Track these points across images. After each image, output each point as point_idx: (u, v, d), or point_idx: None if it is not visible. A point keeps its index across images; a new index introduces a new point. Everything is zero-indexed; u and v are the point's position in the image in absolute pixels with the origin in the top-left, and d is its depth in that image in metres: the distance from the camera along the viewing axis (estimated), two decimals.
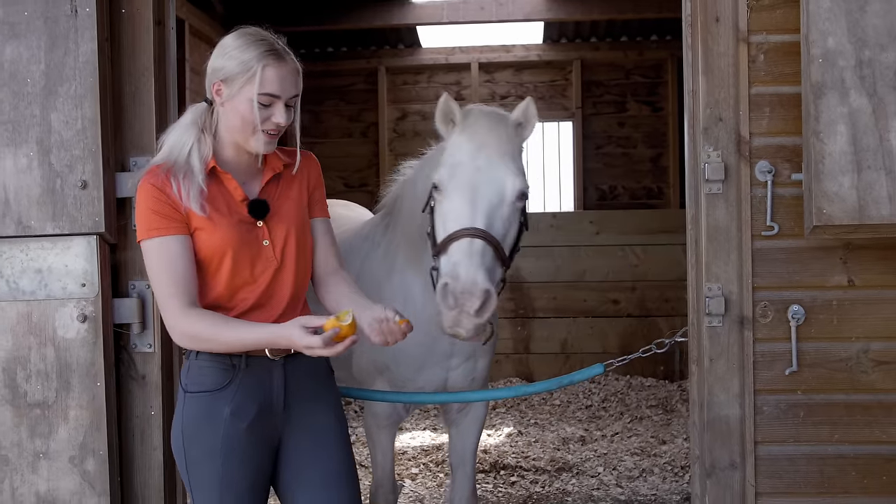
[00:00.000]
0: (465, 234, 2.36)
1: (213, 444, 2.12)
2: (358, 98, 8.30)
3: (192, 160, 2.13)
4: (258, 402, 2.15)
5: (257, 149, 2.15)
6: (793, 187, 2.64)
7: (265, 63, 2.09)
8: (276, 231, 2.20)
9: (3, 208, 2.63)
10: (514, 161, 2.52)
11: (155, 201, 2.10)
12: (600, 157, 8.23)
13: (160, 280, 2.10)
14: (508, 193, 2.46)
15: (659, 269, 7.51)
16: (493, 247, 2.38)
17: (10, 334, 2.64)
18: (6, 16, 2.63)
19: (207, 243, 2.12)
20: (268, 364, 2.17)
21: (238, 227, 2.15)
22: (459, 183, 2.46)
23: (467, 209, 2.41)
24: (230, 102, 2.12)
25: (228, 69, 2.11)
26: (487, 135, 2.52)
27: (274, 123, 2.12)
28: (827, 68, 2.42)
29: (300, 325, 2.00)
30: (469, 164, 2.48)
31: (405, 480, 4.97)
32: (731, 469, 2.68)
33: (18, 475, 2.64)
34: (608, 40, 8.15)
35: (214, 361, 2.14)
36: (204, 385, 2.14)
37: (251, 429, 2.14)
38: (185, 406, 2.16)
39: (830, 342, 2.65)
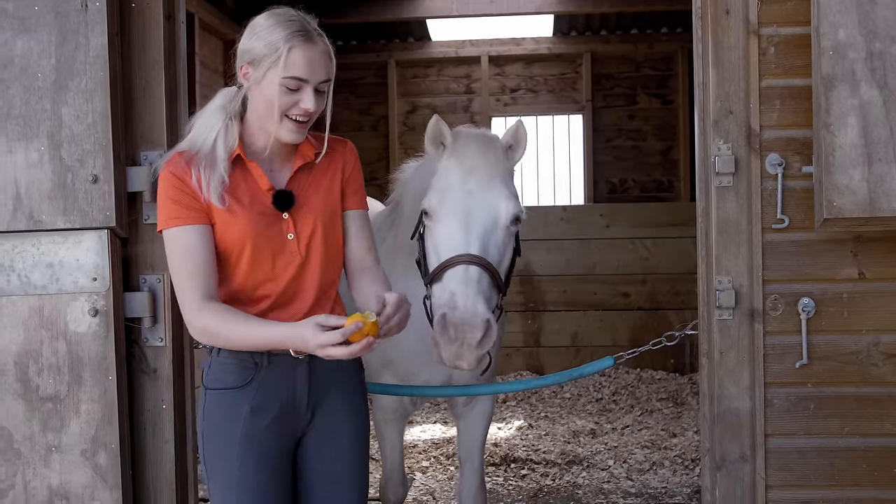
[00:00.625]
0: (461, 261, 2.27)
1: (231, 442, 2.07)
2: (368, 91, 8.30)
3: (216, 148, 2.05)
4: (280, 400, 2.09)
5: (285, 137, 2.05)
6: (803, 180, 2.63)
7: (292, 44, 1.98)
8: (301, 224, 2.10)
9: (14, 203, 2.65)
10: (507, 184, 2.44)
11: (175, 190, 2.03)
12: (610, 150, 8.21)
13: (178, 271, 2.03)
14: (502, 217, 2.38)
15: (669, 262, 7.50)
16: (490, 273, 2.29)
17: (21, 328, 2.66)
18: (17, 10, 2.64)
19: (227, 235, 2.05)
20: (292, 362, 2.09)
21: (259, 218, 2.06)
22: (451, 208, 2.37)
23: (461, 234, 2.32)
24: (257, 86, 2.02)
25: (256, 51, 2.01)
26: (477, 158, 2.44)
27: (302, 109, 2.01)
28: (837, 60, 2.41)
29: (315, 323, 1.90)
30: (460, 189, 2.40)
31: (416, 473, 4.99)
32: (741, 462, 2.67)
33: (31, 468, 2.66)
34: (618, 33, 8.12)
35: (236, 358, 2.08)
36: (225, 382, 2.09)
37: (271, 427, 2.08)
38: (206, 403, 2.11)
39: (841, 335, 2.64)
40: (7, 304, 2.65)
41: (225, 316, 2.00)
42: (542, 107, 8.28)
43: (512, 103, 8.29)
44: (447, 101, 8.31)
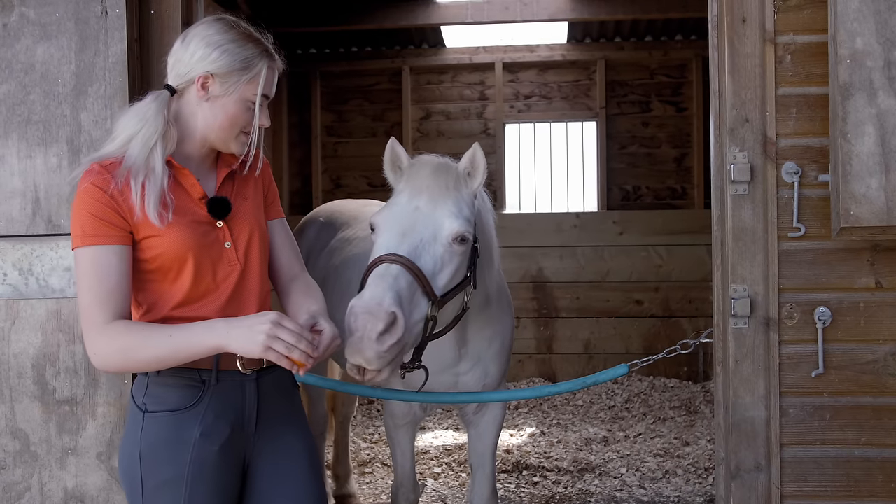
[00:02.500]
0: (383, 260, 2.17)
1: (179, 471, 1.88)
2: (382, 98, 8.32)
3: (153, 159, 1.89)
4: (230, 421, 1.94)
5: (235, 150, 2.00)
6: (819, 188, 2.62)
7: (269, 64, 1.96)
8: (237, 231, 2.01)
9: (33, 207, 2.68)
10: (457, 205, 2.35)
11: (95, 203, 1.85)
12: (624, 157, 8.19)
13: (88, 292, 1.84)
14: (444, 232, 2.28)
15: (683, 269, 7.48)
16: (415, 275, 2.15)
17: (39, 332, 2.68)
18: (38, 17, 2.67)
19: (163, 249, 1.90)
20: (240, 379, 1.96)
21: (195, 228, 1.94)
22: (394, 220, 2.31)
23: (394, 241, 2.23)
24: (220, 99, 1.93)
25: (224, 64, 1.91)
26: (429, 179, 2.39)
27: (259, 125, 1.99)
28: (855, 69, 2.40)
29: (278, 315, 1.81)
30: (407, 205, 2.34)
31: (428, 480, 4.98)
32: (756, 471, 2.66)
33: (47, 471, 2.68)
34: (632, 40, 8.11)
35: (180, 377, 1.92)
36: (168, 404, 1.91)
37: (223, 452, 1.92)
38: (145, 428, 1.91)
39: (857, 344, 2.63)
40: (25, 308, 2.68)
41: (143, 329, 1.83)
42: (556, 113, 8.28)
43: (526, 110, 8.29)
44: (461, 107, 8.32)
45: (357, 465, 5.19)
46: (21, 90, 2.68)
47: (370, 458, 5.40)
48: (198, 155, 2.02)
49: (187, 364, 1.90)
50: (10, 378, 2.68)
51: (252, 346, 1.78)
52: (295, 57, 8.14)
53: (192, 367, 1.92)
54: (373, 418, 6.55)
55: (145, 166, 1.88)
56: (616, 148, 8.17)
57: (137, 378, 1.98)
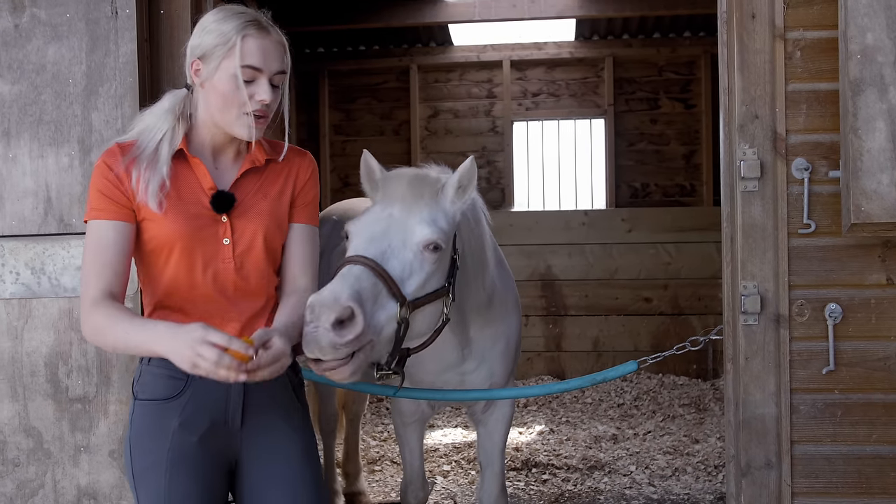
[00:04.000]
0: (348, 262, 2.10)
1: (160, 457, 1.92)
2: (390, 96, 8.33)
3: (161, 149, 1.93)
4: (211, 415, 1.96)
5: (242, 133, 1.94)
6: (830, 185, 2.61)
7: (246, 33, 1.90)
8: (240, 229, 1.97)
9: (45, 206, 2.69)
10: (431, 214, 2.29)
11: (104, 181, 1.92)
12: (632, 155, 8.18)
13: (84, 265, 1.91)
14: (415, 239, 2.22)
15: (692, 266, 7.46)
16: (380, 276, 2.09)
17: (52, 330, 2.70)
18: (49, 18, 2.69)
19: (155, 233, 1.93)
20: None
21: (194, 219, 1.93)
22: (365, 226, 2.26)
23: (362, 245, 2.18)
24: (209, 81, 1.92)
25: (206, 44, 1.92)
26: (405, 189, 2.34)
27: (258, 102, 1.90)
28: (865, 64, 2.39)
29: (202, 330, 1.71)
30: (380, 213, 2.29)
31: (437, 477, 4.99)
32: (766, 468, 2.66)
33: (60, 468, 2.70)
34: (640, 37, 8.10)
35: (166, 369, 1.92)
36: (154, 393, 1.96)
37: (202, 443, 1.95)
38: (135, 414, 1.98)
39: (868, 341, 2.62)
40: (38, 307, 2.69)
41: (116, 314, 1.84)
42: (564, 111, 8.27)
43: (534, 108, 8.28)
44: (469, 105, 8.32)
45: (367, 462, 5.20)
46: (32, 90, 2.69)
47: (380, 455, 5.42)
48: (211, 145, 2.01)
49: None
50: (23, 376, 2.70)
51: (182, 362, 1.73)
52: (303, 56, 8.15)
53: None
54: (382, 416, 6.56)
55: (152, 156, 1.93)
56: (624, 145, 8.16)
57: (137, 367, 2.02)
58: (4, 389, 2.70)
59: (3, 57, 2.69)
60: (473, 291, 2.63)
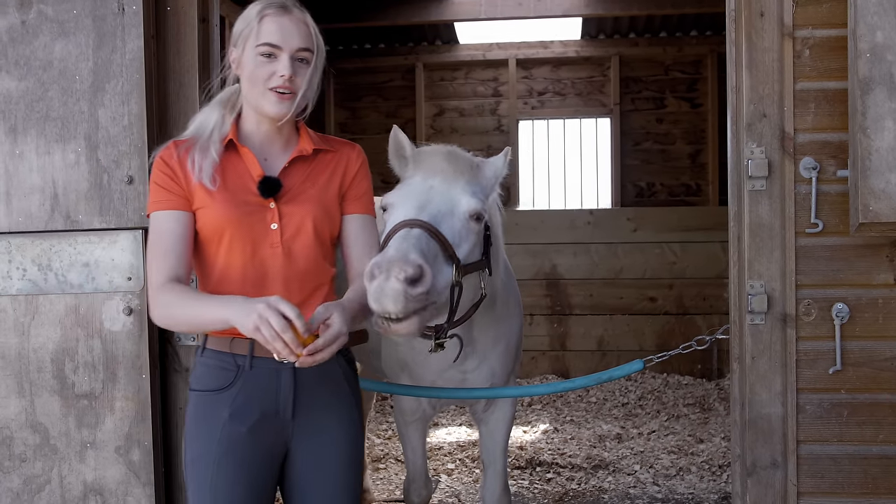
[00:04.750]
0: (404, 225, 2.13)
1: (210, 446, 1.99)
2: (395, 94, 8.33)
3: (212, 136, 2.06)
4: (262, 407, 2.01)
5: (268, 111, 2.01)
6: (838, 184, 2.60)
7: (264, 14, 2.00)
8: (288, 215, 2.03)
9: (52, 203, 2.69)
10: (471, 186, 2.34)
11: (159, 174, 2.04)
12: (638, 154, 8.16)
13: (148, 254, 2.03)
14: (461, 208, 2.27)
15: (697, 266, 7.45)
16: (438, 239, 2.13)
17: (58, 326, 2.70)
18: (56, 14, 2.69)
19: (207, 220, 2.02)
20: (275, 366, 2.00)
21: (242, 204, 2.01)
22: (409, 196, 2.28)
23: (413, 211, 2.21)
24: (240, 67, 2.04)
25: (236, 31, 2.05)
26: (443, 163, 2.38)
27: (279, 77, 1.97)
28: (875, 63, 2.38)
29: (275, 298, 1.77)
30: (421, 184, 2.32)
31: (441, 475, 4.99)
32: (772, 468, 2.65)
33: (66, 464, 2.71)
34: (647, 36, 8.08)
35: (218, 360, 2.03)
36: (206, 384, 2.03)
37: (252, 434, 2.00)
38: (190, 404, 2.07)
39: (876, 341, 2.61)
40: (44, 303, 2.70)
41: (185, 292, 1.94)
42: (570, 110, 8.26)
43: (539, 106, 8.28)
44: (474, 103, 8.32)
45: (371, 460, 5.20)
46: (39, 87, 2.69)
47: (384, 453, 5.42)
48: (259, 132, 2.10)
49: (225, 349, 2.03)
50: (29, 372, 2.70)
51: (246, 323, 1.77)
52: None
53: (230, 352, 2.02)
54: (386, 414, 6.57)
55: (206, 144, 2.05)
56: (630, 144, 8.15)
57: (194, 358, 2.12)
58: (11, 385, 2.71)
59: (10, 53, 2.69)
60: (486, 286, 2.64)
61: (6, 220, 2.70)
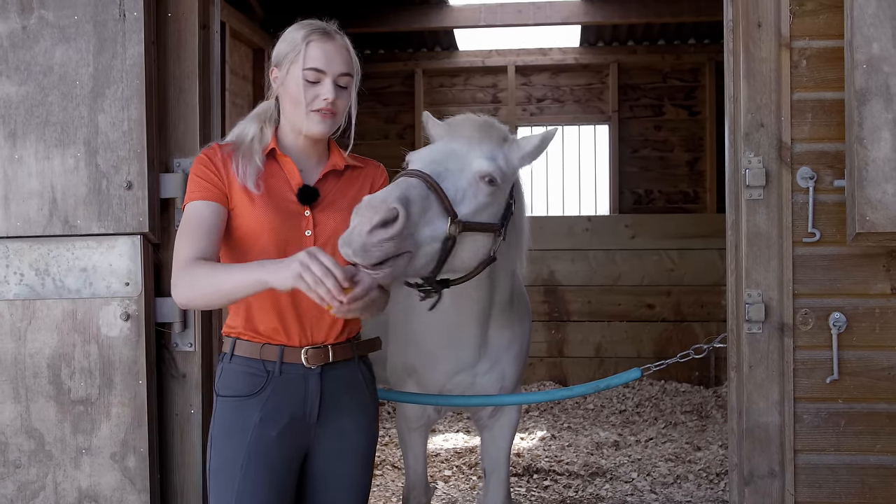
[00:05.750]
0: (402, 175, 2.18)
1: (239, 451, 2.05)
2: (395, 100, 8.34)
3: (253, 145, 2.15)
4: (290, 411, 2.09)
5: (311, 130, 2.12)
6: (835, 194, 2.61)
7: (310, 39, 2.11)
8: (322, 224, 2.13)
9: (50, 208, 2.69)
10: (491, 151, 2.36)
11: (202, 168, 2.12)
12: (636, 161, 8.18)
13: (181, 236, 2.06)
14: (472, 167, 2.28)
15: (695, 273, 7.46)
16: (433, 189, 2.13)
17: (55, 331, 2.70)
18: (57, 20, 2.69)
19: (246, 222, 2.09)
20: (303, 372, 2.10)
21: (281, 210, 2.10)
22: (426, 154, 2.32)
23: (419, 165, 2.24)
24: (283, 86, 2.14)
25: (280, 52, 2.15)
26: (471, 130, 2.42)
27: (322, 101, 2.09)
28: (871, 74, 2.39)
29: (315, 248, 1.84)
30: (443, 146, 2.36)
31: (438, 482, 4.98)
32: (769, 477, 2.65)
33: (61, 470, 2.70)
34: (645, 44, 8.10)
35: (247, 366, 2.09)
36: (236, 389, 2.09)
37: (280, 437, 2.07)
38: (217, 410, 2.11)
39: (873, 350, 2.61)
40: (42, 308, 2.70)
41: (215, 265, 1.98)
42: (568, 117, 8.28)
43: (538, 113, 8.29)
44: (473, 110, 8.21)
45: None
46: (39, 92, 2.69)
47: (380, 460, 5.41)
48: (296, 146, 2.19)
49: (255, 356, 2.09)
50: (25, 378, 2.70)
51: (286, 272, 1.83)
52: None
53: (258, 358, 2.08)
54: (383, 421, 6.56)
55: (248, 150, 2.14)
56: (628, 151, 8.16)
57: (218, 365, 2.16)
58: (7, 391, 2.70)
59: (11, 58, 2.69)
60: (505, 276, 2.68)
61: (4, 224, 2.70)
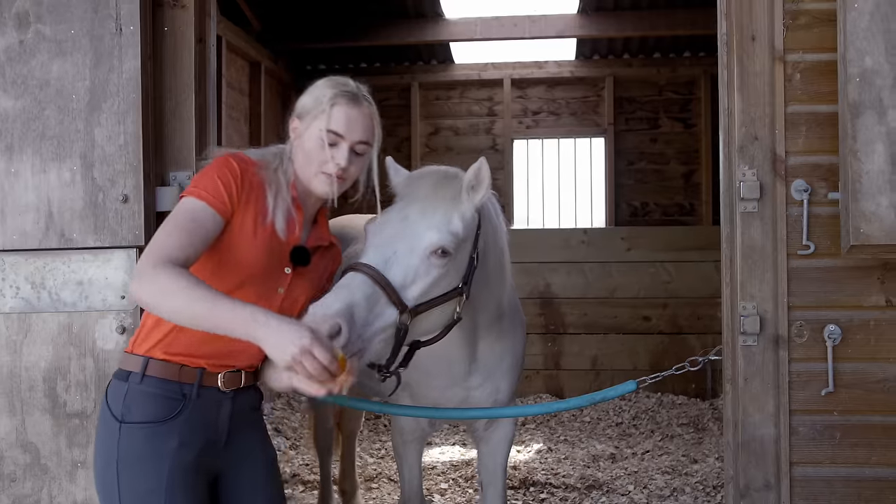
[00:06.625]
0: (351, 269, 2.13)
1: (158, 482, 1.93)
2: (391, 113, 8.36)
3: (279, 176, 2.07)
4: (205, 435, 2.03)
5: (319, 189, 2.07)
6: (829, 206, 2.62)
7: (336, 101, 2.06)
8: (294, 287, 2.10)
9: (46, 221, 2.70)
10: (446, 216, 2.29)
11: (225, 171, 1.99)
12: (632, 174, 8.20)
13: (170, 229, 1.90)
14: (422, 244, 2.22)
15: (691, 286, 7.47)
16: (381, 286, 2.10)
17: (51, 345, 2.69)
18: (54, 34, 2.70)
19: (239, 251, 2.00)
20: (218, 397, 2.04)
21: (273, 256, 2.04)
22: (379, 229, 2.28)
23: (369, 251, 2.21)
24: (301, 138, 2.08)
25: (304, 105, 2.10)
26: (427, 189, 2.35)
27: (335, 165, 2.04)
28: (864, 87, 2.41)
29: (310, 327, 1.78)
30: (396, 215, 2.31)
31: (434, 495, 4.97)
32: (765, 490, 2.65)
33: (57, 484, 2.69)
34: (640, 57, 8.15)
35: (162, 389, 1.98)
36: (146, 415, 1.96)
37: (197, 463, 2.00)
38: (122, 438, 1.95)
39: (868, 363, 2.62)
40: (37, 321, 2.69)
41: (193, 280, 1.80)
42: (564, 129, 8.31)
43: (534, 126, 8.32)
44: (469, 123, 8.36)
45: (364, 480, 5.18)
46: (36, 106, 2.70)
47: (377, 473, 5.39)
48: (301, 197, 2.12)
49: (171, 377, 1.98)
50: (21, 391, 2.69)
51: (282, 356, 1.75)
52: (304, 73, 8.18)
53: (176, 380, 1.99)
54: (379, 433, 6.54)
55: (277, 181, 2.06)
56: (624, 164, 8.19)
57: (113, 385, 2.01)
58: (2, 404, 2.69)
59: (8, 72, 2.70)
60: (487, 302, 2.62)
61: (1, 238, 2.70)
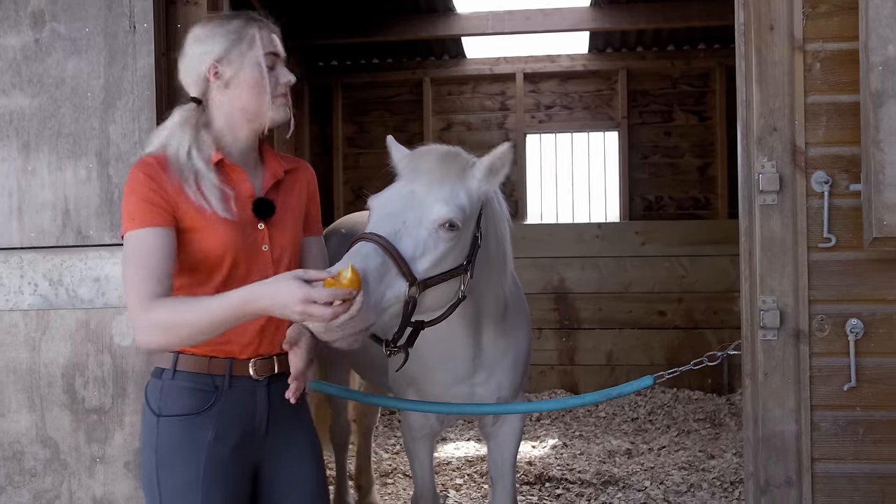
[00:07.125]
0: (360, 239, 2.08)
1: (195, 473, 1.93)
2: (403, 109, 8.35)
3: (194, 161, 1.95)
4: (242, 426, 2.00)
5: (276, 117, 2.01)
6: (851, 198, 2.58)
7: (256, 27, 2.01)
8: (277, 237, 2.04)
9: (63, 219, 2.70)
10: (452, 192, 2.26)
11: (144, 188, 1.90)
12: (646, 167, 8.15)
13: (129, 272, 1.86)
14: (431, 217, 2.18)
15: (706, 280, 7.42)
16: (390, 255, 2.06)
17: (69, 341, 2.70)
18: (68, 32, 2.70)
19: (203, 245, 1.94)
20: (251, 385, 2.02)
21: (240, 228, 1.97)
22: (385, 202, 2.24)
23: (377, 222, 2.16)
24: (235, 78, 1.99)
25: (220, 47, 1.99)
26: (432, 164, 2.33)
27: (284, 84, 2.01)
28: (887, 76, 2.37)
29: (294, 276, 1.73)
30: (403, 189, 2.27)
31: (449, 491, 4.96)
32: (786, 486, 2.62)
33: (76, 479, 2.70)
34: (654, 49, 8.09)
35: (195, 382, 1.97)
36: (184, 408, 1.96)
37: (234, 454, 1.98)
38: (160, 432, 1.96)
39: (891, 357, 2.58)
40: (55, 318, 2.70)
41: (176, 304, 1.82)
42: (578, 124, 8.26)
43: (547, 120, 8.28)
44: (482, 118, 8.33)
45: (379, 475, 5.18)
46: (52, 104, 2.71)
47: (392, 468, 5.39)
48: (235, 152, 2.04)
49: (203, 371, 1.97)
50: (40, 387, 2.70)
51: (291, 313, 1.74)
52: (316, 69, 8.18)
53: (206, 373, 1.98)
54: (394, 429, 6.54)
55: (190, 169, 1.94)
56: (638, 158, 8.14)
57: (151, 382, 2.01)
58: (22, 400, 2.71)
59: (24, 71, 2.71)
60: (490, 291, 2.60)
61: (18, 235, 2.71)
